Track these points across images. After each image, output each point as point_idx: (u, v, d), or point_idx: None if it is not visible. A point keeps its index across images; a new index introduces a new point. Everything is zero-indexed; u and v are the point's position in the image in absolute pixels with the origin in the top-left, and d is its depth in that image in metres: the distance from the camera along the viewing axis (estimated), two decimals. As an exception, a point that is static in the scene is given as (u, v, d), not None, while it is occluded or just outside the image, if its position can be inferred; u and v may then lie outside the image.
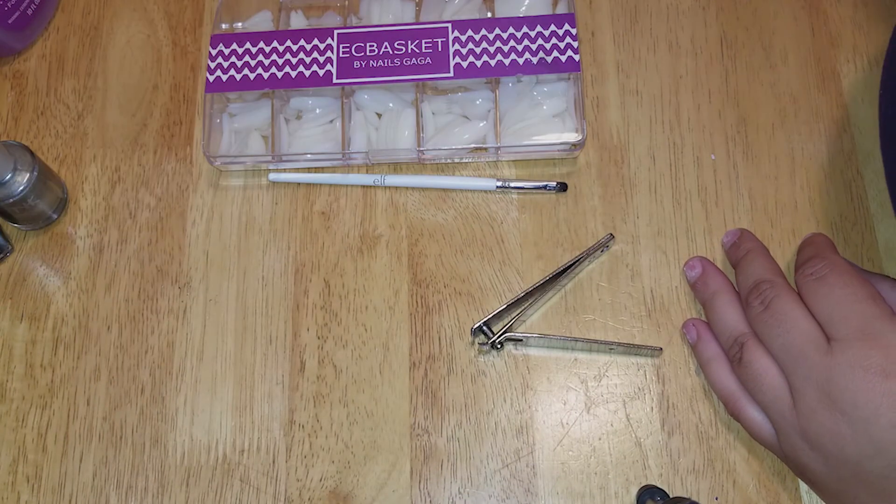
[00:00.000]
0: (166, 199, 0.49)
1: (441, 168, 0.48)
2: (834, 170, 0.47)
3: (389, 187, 0.48)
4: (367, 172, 0.48)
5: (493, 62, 0.47)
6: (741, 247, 0.44)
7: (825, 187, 0.47)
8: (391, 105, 0.48)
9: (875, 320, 0.37)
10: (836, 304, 0.38)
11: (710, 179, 0.48)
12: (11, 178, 0.44)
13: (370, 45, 0.48)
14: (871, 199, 0.47)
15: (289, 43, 0.48)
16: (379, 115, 0.49)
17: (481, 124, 0.48)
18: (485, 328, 0.44)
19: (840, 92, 0.49)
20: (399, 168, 0.49)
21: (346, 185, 0.48)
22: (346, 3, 0.50)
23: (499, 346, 0.44)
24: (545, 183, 0.47)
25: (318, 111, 0.49)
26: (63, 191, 0.48)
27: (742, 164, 0.48)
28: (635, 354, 0.44)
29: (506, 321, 0.45)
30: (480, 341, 0.44)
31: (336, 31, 0.48)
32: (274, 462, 0.43)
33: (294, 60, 0.48)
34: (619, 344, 0.44)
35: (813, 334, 0.38)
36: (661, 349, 0.44)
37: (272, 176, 0.48)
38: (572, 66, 0.47)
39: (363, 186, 0.48)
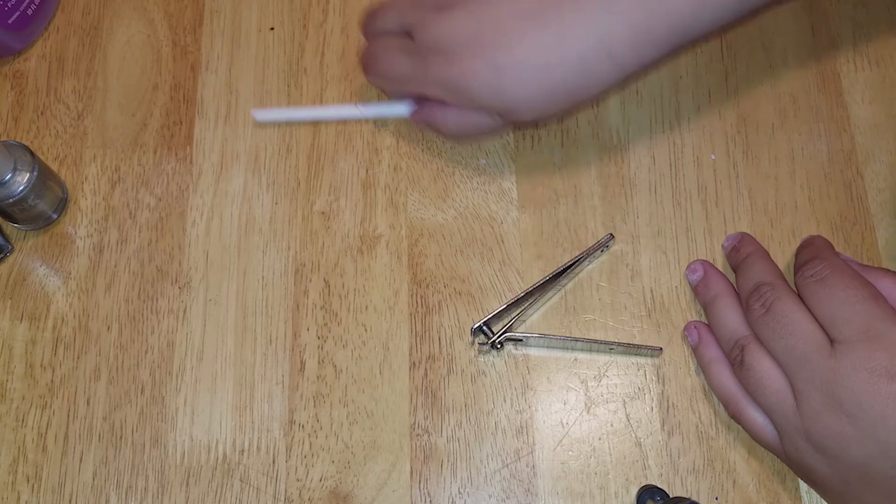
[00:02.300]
0: (166, 199, 0.49)
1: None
2: (834, 170, 0.47)
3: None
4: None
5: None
6: (741, 250, 0.44)
7: (825, 187, 0.47)
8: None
9: (878, 321, 0.37)
10: (839, 306, 0.38)
11: (710, 179, 0.48)
12: (11, 178, 0.44)
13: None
14: (871, 199, 0.47)
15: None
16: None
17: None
18: (485, 328, 0.44)
19: (840, 92, 0.49)
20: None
21: (345, 182, 0.48)
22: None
23: (499, 346, 0.44)
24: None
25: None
26: (63, 191, 0.48)
27: (742, 164, 0.48)
28: (635, 354, 0.44)
29: (506, 321, 0.45)
30: (480, 341, 0.44)
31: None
32: (274, 462, 0.43)
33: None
34: (619, 344, 0.44)
35: (815, 336, 0.38)
36: (661, 349, 0.44)
37: (257, 115, 0.48)
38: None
39: (363, 187, 0.48)
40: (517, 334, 0.44)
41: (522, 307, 0.45)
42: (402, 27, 0.44)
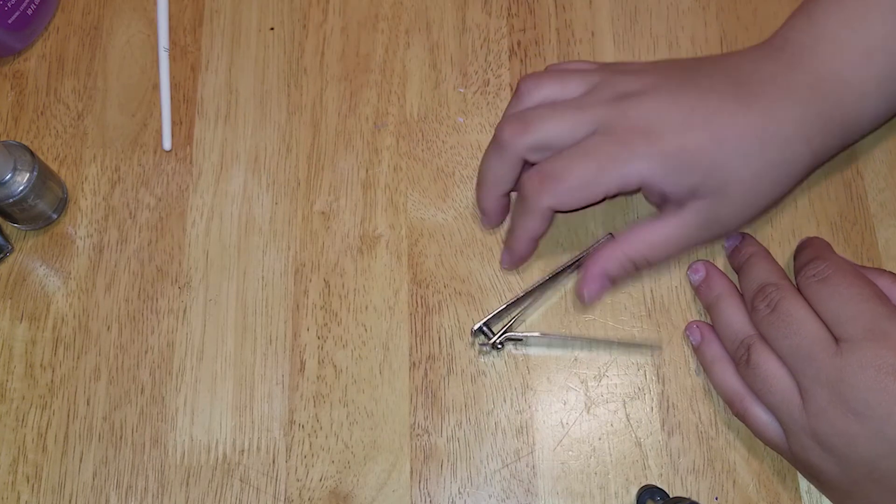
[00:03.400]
0: (166, 199, 0.49)
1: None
2: (834, 170, 0.47)
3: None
4: None
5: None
6: (743, 251, 0.44)
7: (825, 187, 0.47)
8: None
9: (883, 319, 0.37)
10: (843, 305, 0.38)
11: (710, 179, 0.48)
12: (11, 178, 0.44)
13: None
14: (871, 199, 0.47)
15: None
16: None
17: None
18: (485, 328, 0.44)
19: (840, 92, 0.49)
20: None
21: (345, 182, 0.48)
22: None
23: (499, 346, 0.44)
24: None
25: None
26: (63, 191, 0.48)
27: (742, 164, 0.48)
28: (635, 353, 0.44)
29: (506, 321, 0.45)
30: (480, 341, 0.44)
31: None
32: (274, 462, 0.43)
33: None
34: (620, 343, 0.44)
35: (821, 335, 0.38)
36: (661, 348, 0.44)
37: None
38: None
39: (363, 187, 0.48)
40: (517, 334, 0.44)
41: (522, 307, 0.45)
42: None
